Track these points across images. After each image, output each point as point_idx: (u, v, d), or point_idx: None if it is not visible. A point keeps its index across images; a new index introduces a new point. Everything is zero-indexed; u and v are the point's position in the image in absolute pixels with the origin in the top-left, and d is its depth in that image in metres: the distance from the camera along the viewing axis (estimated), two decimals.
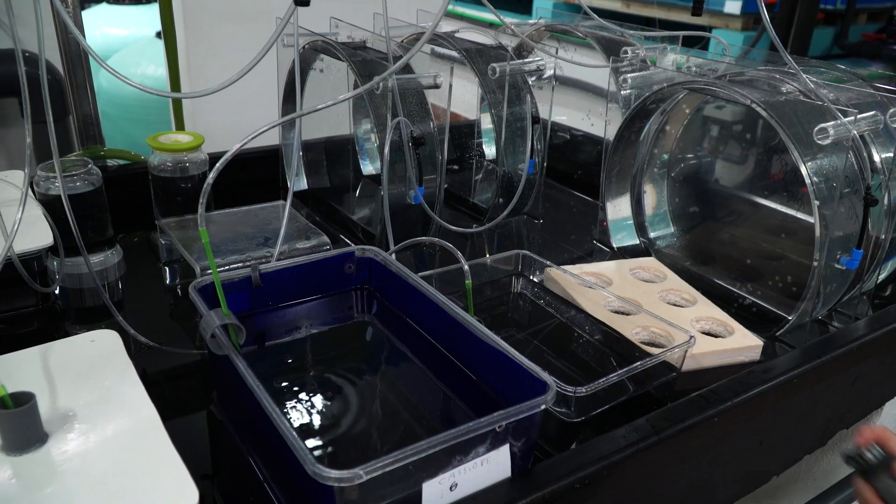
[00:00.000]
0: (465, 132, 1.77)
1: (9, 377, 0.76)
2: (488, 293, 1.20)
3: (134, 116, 2.65)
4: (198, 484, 0.70)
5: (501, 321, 1.14)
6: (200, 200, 0.77)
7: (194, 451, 0.87)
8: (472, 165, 1.76)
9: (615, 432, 0.82)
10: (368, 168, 1.65)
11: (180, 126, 1.83)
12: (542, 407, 0.73)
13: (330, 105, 0.88)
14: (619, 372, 0.88)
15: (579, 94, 1.88)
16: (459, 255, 1.01)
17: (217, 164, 0.77)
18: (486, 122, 1.77)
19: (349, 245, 1.40)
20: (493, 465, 0.73)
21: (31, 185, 1.17)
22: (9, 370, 0.79)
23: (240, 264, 1.15)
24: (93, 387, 0.79)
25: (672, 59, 1.48)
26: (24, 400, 0.69)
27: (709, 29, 3.56)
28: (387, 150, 1.20)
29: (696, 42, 1.69)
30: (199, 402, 0.99)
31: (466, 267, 0.97)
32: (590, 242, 1.48)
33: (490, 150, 1.78)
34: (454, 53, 1.43)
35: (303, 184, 1.58)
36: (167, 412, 0.88)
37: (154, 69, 2.73)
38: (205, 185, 0.77)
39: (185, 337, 1.13)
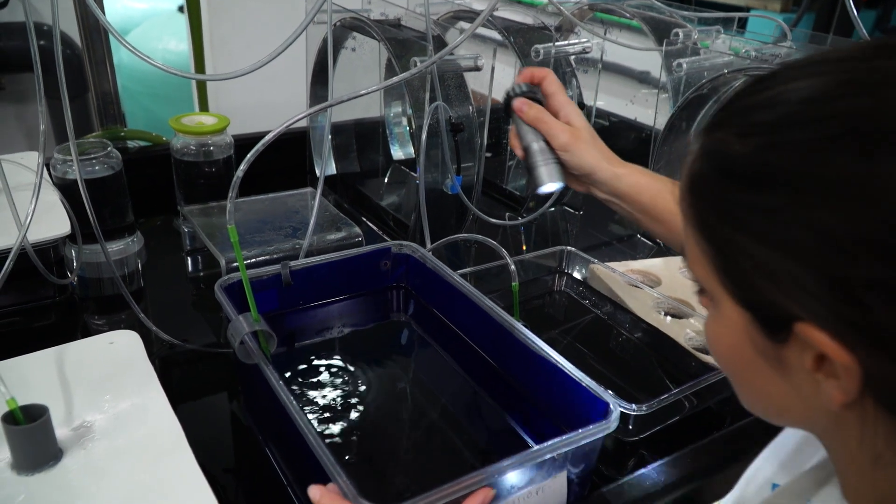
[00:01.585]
0: (500, 116, 1.69)
1: (21, 384, 0.70)
2: (528, 291, 1.12)
3: (156, 92, 2.58)
4: (223, 497, 0.64)
5: (542, 322, 1.06)
6: (230, 195, 0.70)
7: (218, 460, 0.81)
8: (506, 151, 1.68)
9: (677, 456, 0.75)
10: (398, 153, 1.58)
11: (203, 105, 1.76)
12: (605, 432, 0.66)
13: (371, 91, 0.81)
14: (683, 387, 0.81)
15: (620, 79, 1.79)
16: (504, 252, 0.94)
17: (248, 156, 0.70)
18: None
19: (379, 235, 1.33)
20: (549, 494, 0.66)
21: (48, 168, 1.11)
22: (21, 375, 0.73)
23: (266, 257, 1.08)
24: (112, 396, 0.72)
25: (724, 43, 1.39)
26: (36, 414, 0.63)
27: (747, 10, 3.44)
28: (424, 136, 1.13)
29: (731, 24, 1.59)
30: (223, 406, 0.93)
31: (513, 267, 0.90)
32: (633, 236, 1.40)
33: None
34: (493, 34, 1.35)
35: (331, 168, 1.51)
36: (189, 415, 0.82)
37: (176, 44, 2.65)
38: (234, 180, 0.70)
39: (209, 330, 1.07)
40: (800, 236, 0.35)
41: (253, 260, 1.07)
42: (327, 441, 0.76)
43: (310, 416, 0.79)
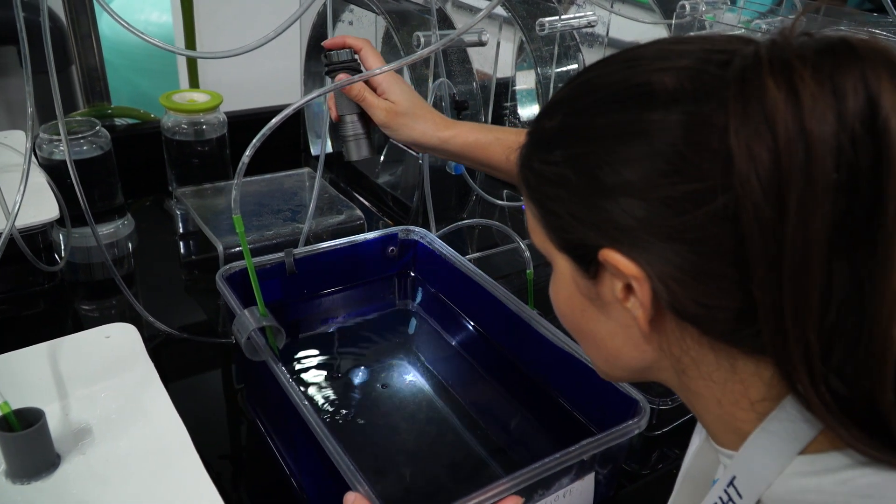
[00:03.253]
0: (499, 91, 1.64)
1: (12, 383, 0.65)
2: (536, 277, 1.09)
3: (139, 66, 2.50)
4: (227, 491, 0.60)
5: (548, 306, 1.03)
6: (235, 181, 0.66)
7: (219, 452, 0.78)
8: None
9: None
10: None
11: (193, 80, 1.70)
12: (636, 432, 0.63)
13: (376, 74, 0.77)
14: None
15: None
16: (517, 237, 0.91)
17: (254, 141, 0.65)
18: (521, 82, 1.64)
19: (378, 217, 1.29)
20: (576, 496, 0.63)
21: (32, 148, 1.05)
22: (12, 373, 0.68)
23: (266, 242, 1.04)
24: (111, 395, 0.68)
25: (733, 18, 1.35)
26: (32, 419, 0.59)
27: None
28: None
29: None
30: (221, 395, 0.89)
31: (528, 254, 0.86)
32: None
33: (525, 112, 1.65)
34: (497, 8, 1.29)
35: (326, 146, 1.46)
36: (187, 406, 0.78)
37: (158, 16, 2.56)
38: (240, 166, 0.65)
39: (204, 316, 1.03)
40: (593, 174, 0.42)
41: (251, 246, 1.03)
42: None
43: (315, 409, 0.75)
